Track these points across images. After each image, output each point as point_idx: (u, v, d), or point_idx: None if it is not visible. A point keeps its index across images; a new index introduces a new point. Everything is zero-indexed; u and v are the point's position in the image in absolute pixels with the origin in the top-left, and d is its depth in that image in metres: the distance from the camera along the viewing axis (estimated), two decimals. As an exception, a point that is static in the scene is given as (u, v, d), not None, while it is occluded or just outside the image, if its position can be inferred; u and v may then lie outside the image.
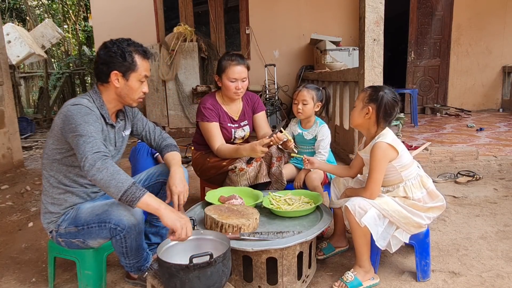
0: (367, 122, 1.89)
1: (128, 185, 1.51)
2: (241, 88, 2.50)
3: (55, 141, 1.71)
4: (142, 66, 1.77)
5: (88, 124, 1.61)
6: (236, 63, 2.47)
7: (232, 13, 7.47)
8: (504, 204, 2.95)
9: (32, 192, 3.61)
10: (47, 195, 1.78)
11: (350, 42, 7.20)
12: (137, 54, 1.75)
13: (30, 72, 11.30)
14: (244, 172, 2.39)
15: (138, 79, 1.77)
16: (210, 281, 1.43)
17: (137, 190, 1.53)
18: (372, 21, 3.42)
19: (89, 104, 1.71)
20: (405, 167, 1.86)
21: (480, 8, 7.22)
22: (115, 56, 1.71)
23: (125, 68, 1.73)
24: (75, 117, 1.62)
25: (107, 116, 1.79)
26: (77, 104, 1.67)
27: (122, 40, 1.76)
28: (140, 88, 1.80)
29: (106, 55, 1.72)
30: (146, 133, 2.05)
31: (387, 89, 1.88)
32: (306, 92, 2.47)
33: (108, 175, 1.51)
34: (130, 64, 1.73)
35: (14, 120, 4.47)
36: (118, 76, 1.74)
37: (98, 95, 1.78)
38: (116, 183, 1.51)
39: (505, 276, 1.95)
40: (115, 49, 1.71)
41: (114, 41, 1.74)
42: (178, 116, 6.42)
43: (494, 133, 5.08)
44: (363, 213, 1.78)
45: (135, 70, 1.75)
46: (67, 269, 2.15)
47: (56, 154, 1.72)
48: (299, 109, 2.48)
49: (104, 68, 1.73)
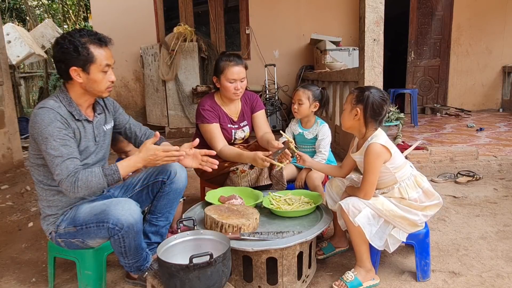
0: (357, 123, 1.89)
1: (104, 181, 1.63)
2: (240, 89, 2.50)
3: (33, 147, 1.71)
4: (100, 55, 1.67)
5: (54, 138, 1.59)
6: (234, 63, 2.46)
7: (232, 13, 7.47)
8: (504, 204, 2.95)
9: (32, 192, 3.61)
10: (42, 199, 1.78)
11: (350, 42, 7.20)
12: (91, 44, 1.65)
13: (30, 72, 11.30)
14: (245, 174, 2.39)
15: (99, 70, 1.68)
16: (210, 281, 1.43)
17: (112, 176, 1.65)
18: (372, 21, 3.42)
19: (55, 104, 1.66)
20: (398, 168, 1.86)
21: (480, 8, 7.22)
22: (69, 52, 1.62)
23: (83, 62, 1.64)
24: (40, 126, 1.60)
25: (78, 113, 1.73)
26: (42, 107, 1.64)
27: (74, 33, 1.65)
28: (105, 78, 1.72)
29: (59, 52, 1.64)
30: (130, 126, 2.04)
31: (374, 89, 1.88)
32: (302, 92, 2.50)
33: (84, 189, 1.61)
34: (86, 57, 1.64)
35: (14, 120, 4.47)
36: (78, 71, 1.66)
37: (65, 93, 1.73)
38: (96, 189, 1.64)
39: (505, 276, 1.95)
40: (67, 44, 1.62)
41: (65, 35, 1.65)
42: (178, 116, 6.42)
43: (494, 133, 5.08)
44: (357, 212, 1.78)
45: (94, 61, 1.66)
46: (67, 269, 2.15)
47: (38, 159, 1.72)
48: (295, 109, 2.54)
49: (62, 66, 1.66)
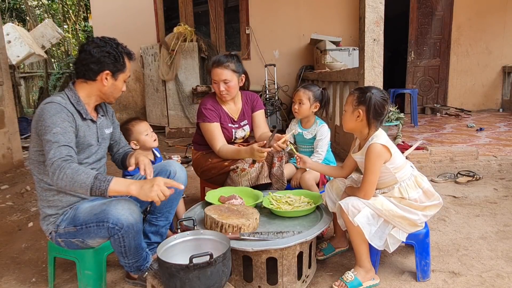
0: (360, 124, 1.89)
1: (91, 182, 1.53)
2: (223, 90, 2.48)
3: (35, 144, 1.71)
4: (129, 67, 1.84)
5: (55, 126, 1.61)
6: (216, 65, 2.47)
7: (232, 13, 7.47)
8: (504, 204, 2.95)
9: (32, 192, 3.61)
10: (42, 199, 1.78)
11: (350, 42, 7.20)
12: (125, 55, 1.81)
13: (30, 72, 11.30)
14: (245, 172, 2.39)
15: (124, 79, 1.84)
16: (210, 281, 1.43)
17: (100, 183, 1.54)
18: (372, 21, 3.42)
19: (62, 101, 1.70)
20: (398, 168, 1.86)
21: (480, 8, 7.22)
22: (109, 57, 1.73)
23: (116, 69, 1.77)
24: (45, 116, 1.63)
25: (85, 111, 1.77)
26: (49, 102, 1.67)
27: (111, 40, 1.78)
28: (122, 87, 1.86)
29: (99, 54, 1.72)
30: (120, 140, 2.08)
31: (374, 89, 1.88)
32: (303, 92, 2.50)
33: (69, 180, 1.53)
34: (121, 65, 1.78)
35: (14, 120, 4.47)
36: (108, 76, 1.76)
37: (73, 92, 1.77)
38: (79, 185, 1.54)
39: (505, 276, 1.95)
40: (108, 49, 1.73)
41: (106, 40, 1.76)
42: (178, 116, 6.42)
43: (494, 133, 5.08)
44: (357, 212, 1.78)
45: (124, 71, 1.81)
46: (67, 269, 2.15)
47: (39, 156, 1.72)
48: (295, 109, 2.54)
49: (95, 67, 1.73)
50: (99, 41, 1.75)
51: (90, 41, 1.76)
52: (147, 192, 1.55)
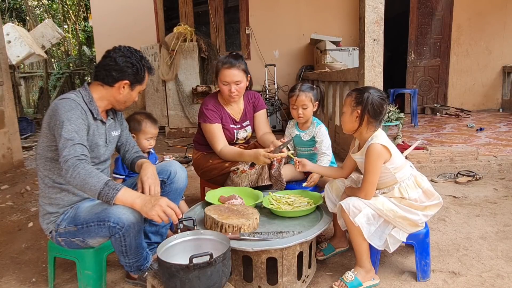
0: (359, 125, 1.89)
1: (100, 187, 1.57)
2: (235, 91, 2.44)
3: (45, 139, 1.72)
4: (146, 80, 1.90)
5: (70, 122, 1.63)
6: (228, 66, 2.41)
7: (232, 13, 7.47)
8: (504, 204, 2.95)
9: (32, 192, 3.61)
10: (44, 196, 1.78)
11: (350, 42, 7.20)
12: (147, 69, 1.86)
13: (30, 72, 11.30)
14: (246, 174, 2.39)
15: (139, 91, 1.89)
16: (210, 281, 1.43)
17: (109, 190, 1.58)
18: (372, 21, 3.42)
19: (77, 98, 1.73)
20: (398, 169, 1.86)
21: (480, 8, 7.22)
22: (132, 67, 1.78)
23: (136, 80, 1.82)
24: (60, 111, 1.65)
25: (96, 112, 1.80)
26: (64, 98, 1.70)
27: (137, 52, 1.83)
28: (135, 98, 1.91)
29: (124, 64, 1.76)
30: (127, 142, 2.08)
31: (372, 89, 1.88)
32: (305, 96, 2.41)
33: (81, 180, 1.57)
34: (141, 78, 1.84)
35: (14, 120, 4.47)
36: (126, 85, 1.81)
37: (87, 91, 1.80)
38: (89, 187, 1.57)
39: (505, 276, 1.95)
40: (133, 61, 1.78)
41: (132, 51, 1.81)
42: (178, 116, 6.43)
43: (494, 133, 5.08)
44: (357, 212, 1.78)
45: (141, 84, 1.87)
46: (67, 269, 2.15)
47: (48, 152, 1.73)
48: (300, 114, 2.44)
49: (116, 74, 1.77)
50: (126, 51, 1.79)
51: (117, 49, 1.80)
52: (148, 210, 1.60)
